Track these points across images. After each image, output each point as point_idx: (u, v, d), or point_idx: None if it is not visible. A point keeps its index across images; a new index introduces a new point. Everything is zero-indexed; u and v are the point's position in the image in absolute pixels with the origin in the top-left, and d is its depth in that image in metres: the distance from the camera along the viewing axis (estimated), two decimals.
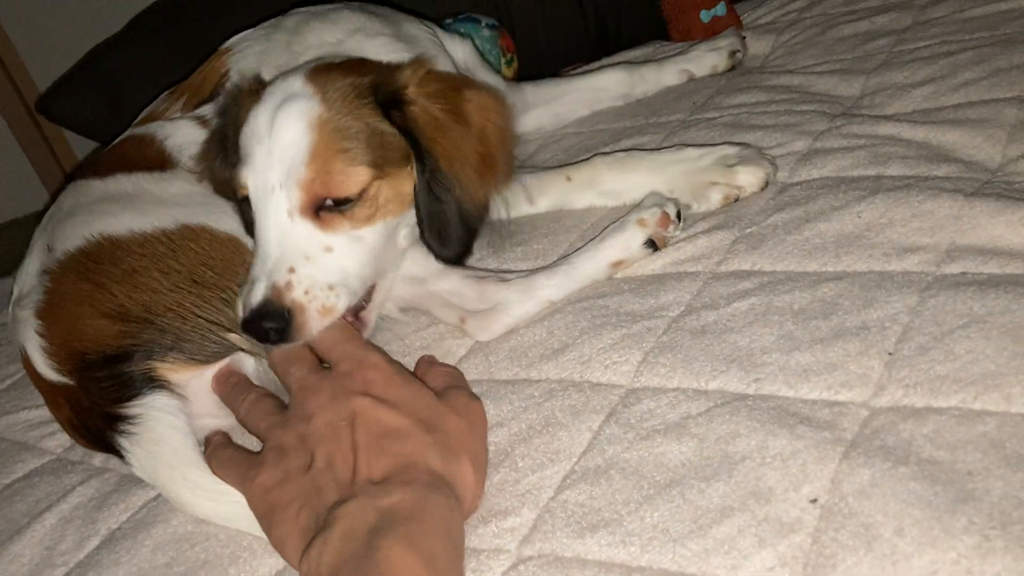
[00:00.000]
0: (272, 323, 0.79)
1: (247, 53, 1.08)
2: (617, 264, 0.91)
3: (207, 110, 1.05)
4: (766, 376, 0.70)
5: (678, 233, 0.93)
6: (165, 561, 0.76)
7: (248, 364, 0.87)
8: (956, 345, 0.67)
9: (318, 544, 0.63)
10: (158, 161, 1.00)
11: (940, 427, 0.61)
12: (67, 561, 0.79)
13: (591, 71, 1.36)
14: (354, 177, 0.83)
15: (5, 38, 2.12)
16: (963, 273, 0.75)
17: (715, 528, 0.59)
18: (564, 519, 0.65)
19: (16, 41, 2.15)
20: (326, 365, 0.80)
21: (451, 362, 0.88)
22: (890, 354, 0.68)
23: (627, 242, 0.90)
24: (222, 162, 0.93)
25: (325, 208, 0.83)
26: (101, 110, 1.51)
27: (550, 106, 1.32)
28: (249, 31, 1.12)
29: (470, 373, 0.85)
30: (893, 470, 0.58)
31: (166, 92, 1.14)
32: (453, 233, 0.87)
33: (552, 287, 0.89)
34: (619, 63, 1.38)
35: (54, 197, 1.06)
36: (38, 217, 1.01)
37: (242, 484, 0.74)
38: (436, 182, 0.85)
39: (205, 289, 0.84)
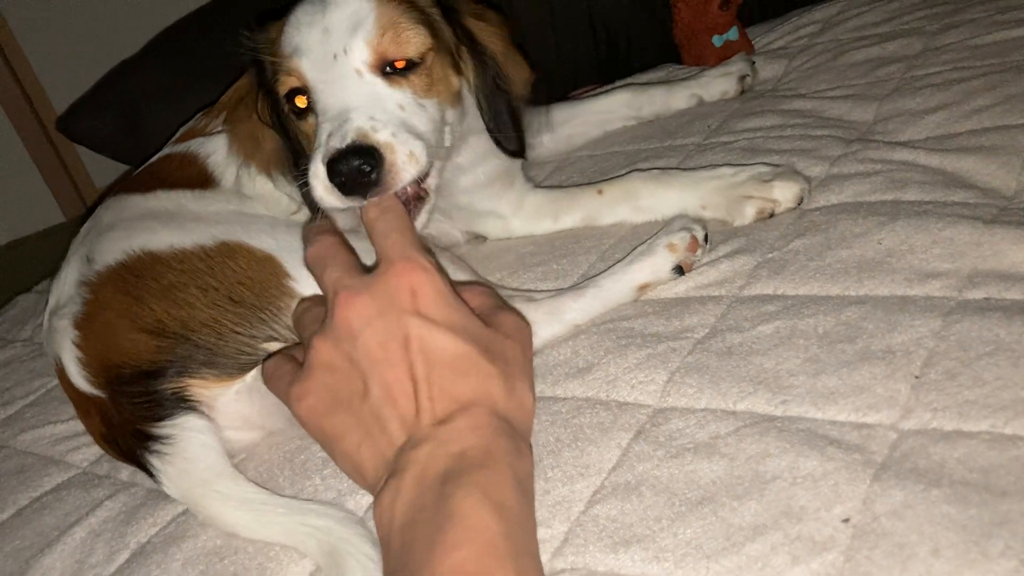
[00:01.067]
0: (363, 160, 0.77)
1: None
2: (644, 287, 0.92)
3: None
4: (793, 398, 0.72)
5: (702, 257, 0.94)
6: (195, 575, 0.76)
7: None
8: (984, 371, 0.68)
9: (391, 490, 0.62)
10: (200, 179, 1.02)
11: (971, 451, 0.62)
12: (99, 574, 0.80)
13: (600, 93, 1.39)
14: (417, 38, 0.88)
15: (23, 58, 2.14)
16: (986, 299, 0.76)
17: (748, 545, 0.60)
18: (596, 533, 0.66)
19: (33, 61, 2.17)
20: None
21: None
22: (916, 377, 0.70)
23: (656, 266, 0.92)
24: (263, 97, 0.95)
25: (387, 73, 0.87)
26: (120, 129, 1.53)
27: (561, 128, 1.34)
28: None
29: None
30: (926, 492, 0.59)
31: (201, 112, 1.16)
32: (513, 127, 0.95)
33: (578, 310, 0.90)
34: (628, 85, 1.40)
35: (88, 211, 1.07)
36: (49, 233, 1.03)
37: (288, 399, 0.72)
38: (500, 79, 0.93)
39: (242, 307, 0.85)
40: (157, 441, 0.82)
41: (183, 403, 0.83)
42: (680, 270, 0.92)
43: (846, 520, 0.60)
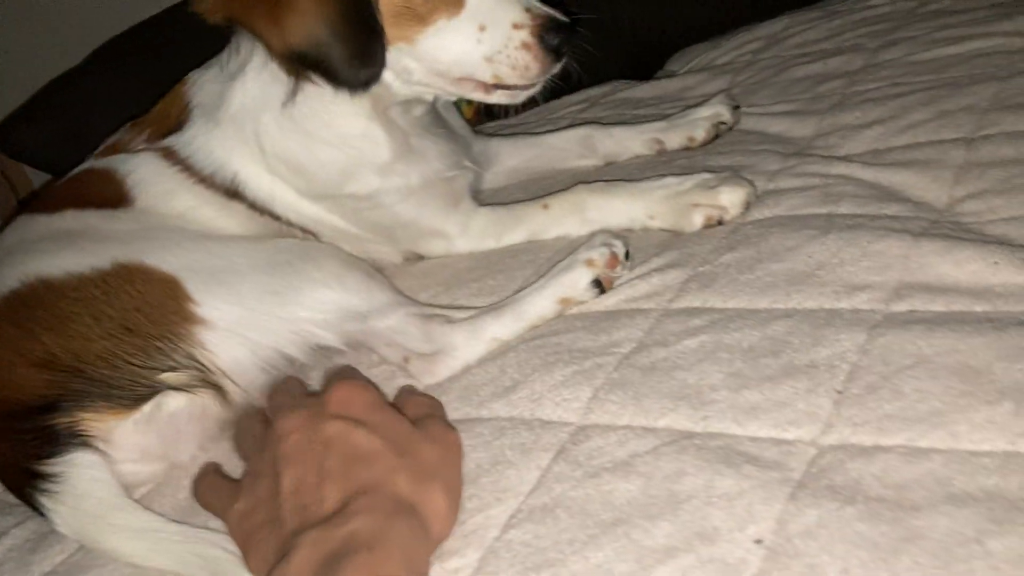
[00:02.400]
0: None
1: (206, 85, 1.06)
2: (564, 302, 0.90)
3: (175, 141, 1.03)
4: (714, 414, 0.70)
5: (625, 273, 0.92)
6: None
7: (173, 403, 0.84)
8: (904, 384, 0.67)
9: (278, 572, 0.61)
10: (116, 199, 0.98)
11: (887, 466, 0.61)
12: None
13: (556, 130, 1.29)
14: None
15: None
16: (911, 311, 0.75)
17: (659, 569, 0.58)
18: (508, 560, 0.63)
19: None
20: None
21: None
22: (839, 392, 0.68)
23: (574, 281, 0.90)
24: None
25: None
26: (61, 143, 1.48)
27: (506, 161, 1.27)
28: (203, 68, 1.11)
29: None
30: (840, 511, 0.58)
31: (128, 124, 1.12)
32: None
33: (499, 327, 0.88)
34: (586, 123, 1.29)
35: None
36: None
37: (223, 513, 0.72)
38: None
39: (137, 337, 0.81)
40: (46, 480, 0.78)
41: (75, 438, 0.79)
42: (599, 285, 0.90)
43: (759, 541, 0.58)
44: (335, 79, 0.92)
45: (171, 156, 1.02)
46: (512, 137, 1.31)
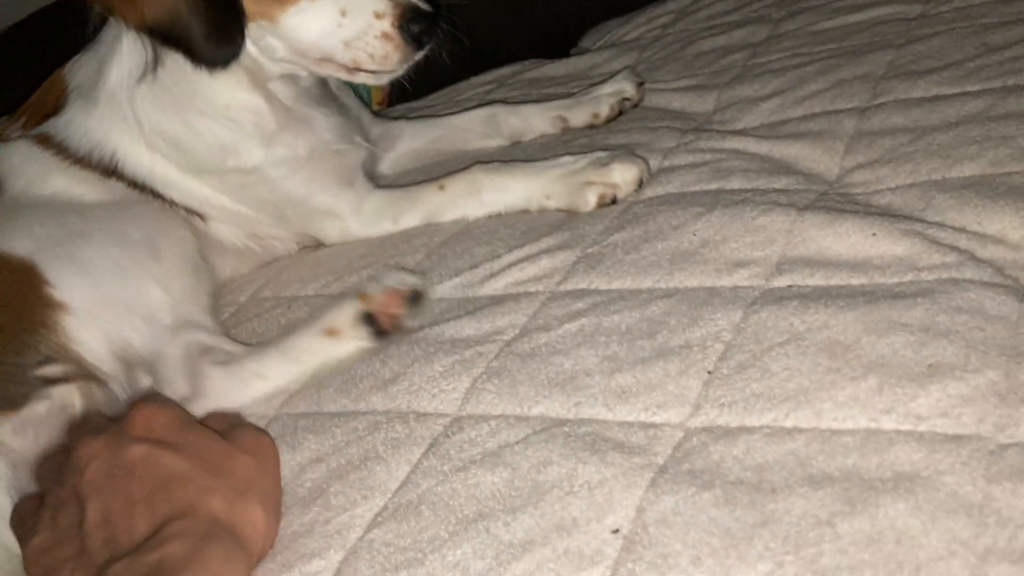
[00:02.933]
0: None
1: (83, 67, 1.04)
2: (331, 332, 0.85)
3: (51, 126, 1.00)
4: (586, 399, 0.68)
5: (408, 318, 0.85)
6: None
7: (53, 400, 0.80)
8: (773, 363, 0.65)
9: None
10: None
11: (750, 447, 0.59)
12: None
13: (461, 111, 1.26)
14: None
15: None
16: (789, 287, 0.74)
17: (515, 564, 0.56)
18: (368, 560, 0.61)
19: None
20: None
21: (279, 398, 0.83)
22: (709, 373, 0.67)
23: (341, 312, 0.85)
24: None
25: None
26: None
27: (409, 142, 1.24)
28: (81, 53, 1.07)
29: (298, 406, 0.81)
30: (697, 496, 0.56)
31: (3, 117, 1.08)
32: None
33: (265, 373, 0.84)
34: (493, 102, 1.26)
35: None
36: None
37: (21, 546, 0.68)
38: None
39: (3, 333, 0.78)
40: None
41: None
42: (372, 322, 0.84)
43: (616, 531, 0.56)
44: (194, 56, 0.90)
45: (45, 141, 0.99)
46: (415, 119, 1.28)
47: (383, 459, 0.70)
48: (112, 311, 0.85)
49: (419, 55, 0.94)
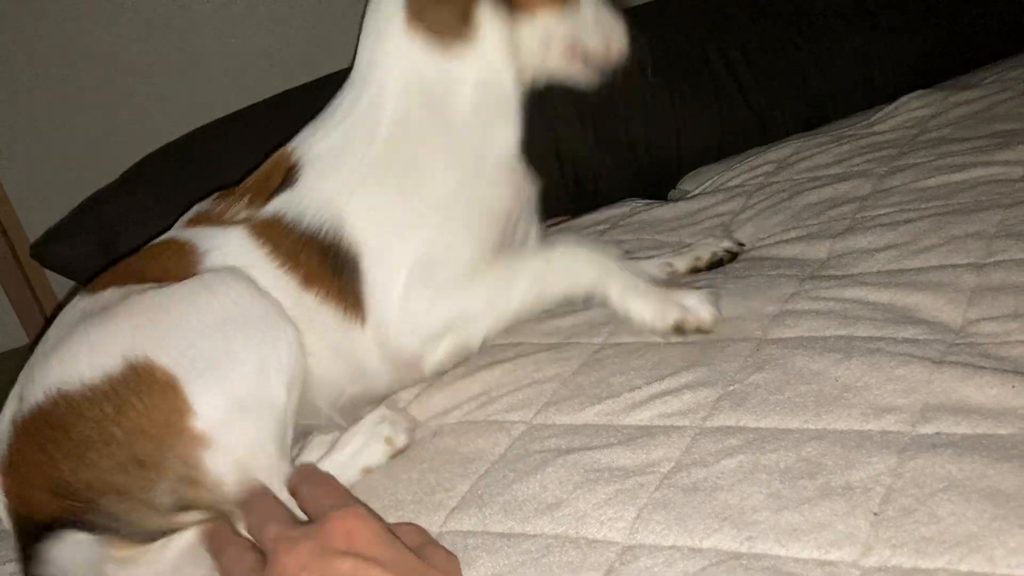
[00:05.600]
0: None
1: (314, 139, 1.04)
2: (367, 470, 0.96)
3: (279, 205, 0.98)
4: (758, 534, 0.73)
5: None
6: None
7: (184, 539, 0.81)
8: (938, 508, 0.70)
9: None
10: (182, 278, 0.89)
11: None
12: None
13: None
14: None
15: None
16: (937, 433, 0.79)
17: None
18: None
19: (6, 182, 2.21)
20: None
21: (442, 513, 0.89)
22: (875, 514, 0.71)
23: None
24: None
25: None
26: (96, 257, 1.54)
27: None
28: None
29: (463, 524, 0.86)
30: None
31: (216, 194, 1.06)
32: None
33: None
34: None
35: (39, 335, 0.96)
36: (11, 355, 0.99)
37: None
38: None
39: (145, 469, 0.78)
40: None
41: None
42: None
43: None
44: None
45: (266, 232, 0.97)
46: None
47: None
48: (251, 420, 0.83)
49: None
